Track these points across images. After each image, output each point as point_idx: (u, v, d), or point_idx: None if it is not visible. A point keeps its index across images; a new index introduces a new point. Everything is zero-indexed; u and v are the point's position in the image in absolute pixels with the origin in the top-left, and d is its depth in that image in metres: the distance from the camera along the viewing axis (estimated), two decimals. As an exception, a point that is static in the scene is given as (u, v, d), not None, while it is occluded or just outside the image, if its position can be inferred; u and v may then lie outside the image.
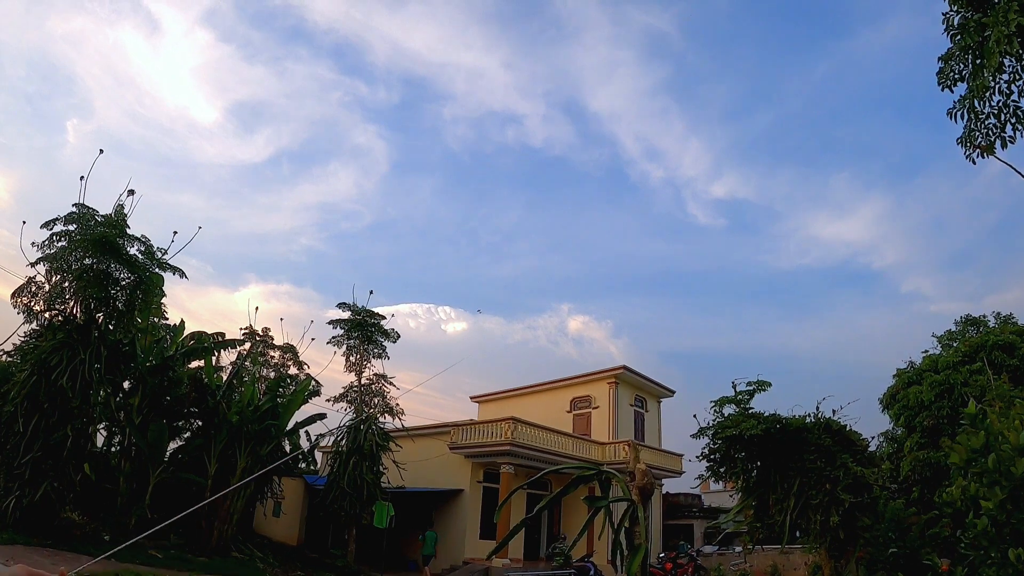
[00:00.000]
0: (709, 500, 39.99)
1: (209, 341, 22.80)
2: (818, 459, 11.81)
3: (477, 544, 26.78)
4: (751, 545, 14.05)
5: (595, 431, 33.28)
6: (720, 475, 14.29)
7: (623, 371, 34.00)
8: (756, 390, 13.60)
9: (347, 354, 26.21)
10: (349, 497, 23.54)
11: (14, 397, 15.35)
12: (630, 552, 6.36)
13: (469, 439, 28.15)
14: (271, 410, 22.77)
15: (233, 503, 21.34)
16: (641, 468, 6.75)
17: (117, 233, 16.62)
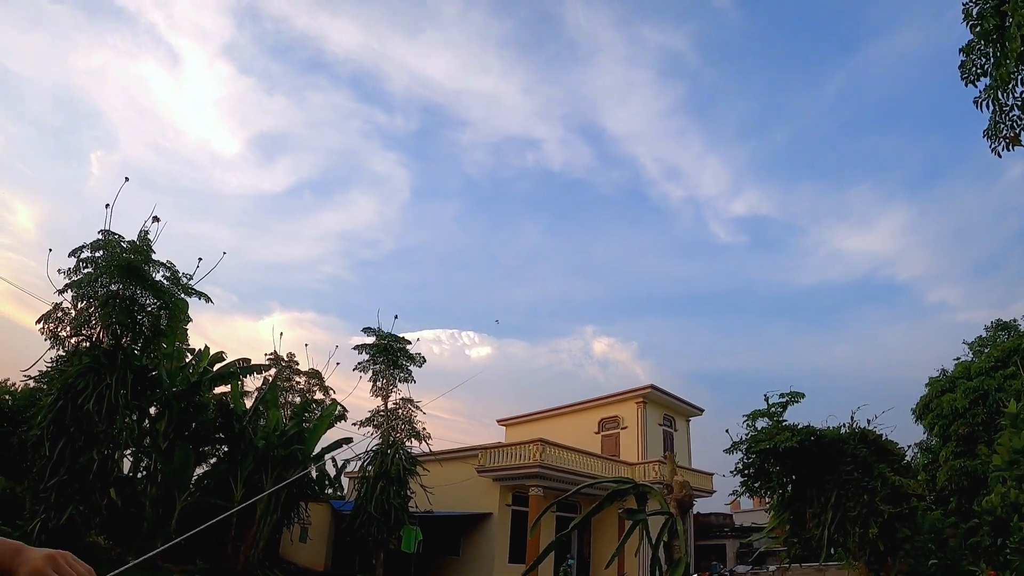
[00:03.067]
0: (740, 519, 39.35)
1: (235, 366, 22.88)
2: (855, 470, 11.51)
3: (506, 568, 26.43)
4: (787, 562, 13.71)
5: (624, 451, 32.83)
6: (755, 490, 13.98)
7: (651, 390, 33.57)
8: (789, 402, 13.31)
9: (373, 379, 26.15)
10: (376, 522, 23.35)
11: (40, 421, 15.45)
12: (670, 567, 6.16)
13: (497, 462, 27.89)
14: (297, 435, 22.76)
15: (259, 528, 21.29)
16: (679, 480, 6.57)
17: (143, 259, 16.76)
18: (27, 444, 15.90)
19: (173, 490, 19.37)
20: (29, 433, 15.82)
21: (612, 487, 6.94)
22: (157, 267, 17.14)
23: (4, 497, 16.46)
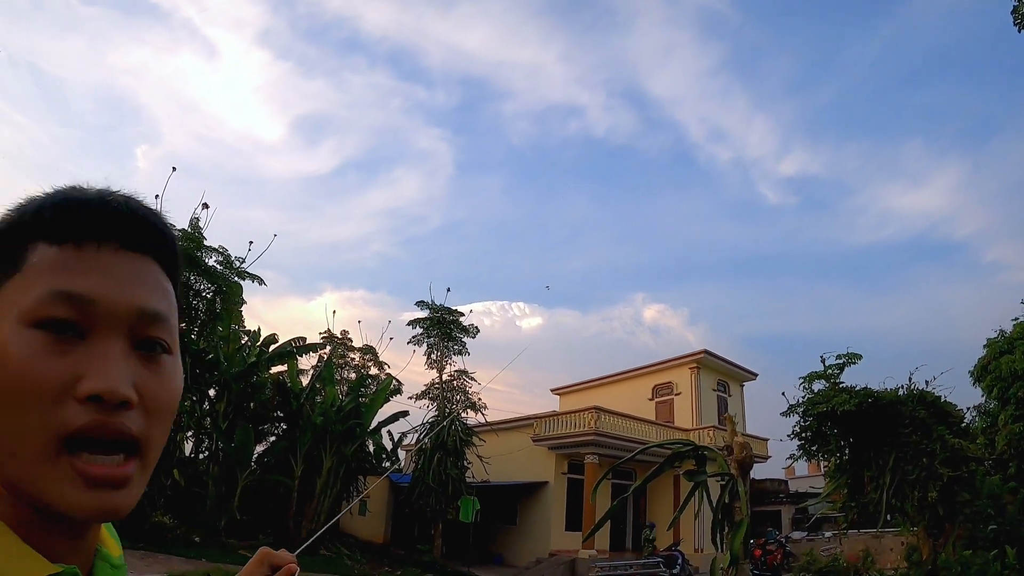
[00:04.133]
0: (796, 485, 38.83)
1: (290, 346, 23.25)
2: (913, 433, 11.27)
3: (563, 536, 26.65)
4: (845, 526, 13.59)
5: (678, 418, 32.66)
6: (812, 454, 13.83)
7: (704, 355, 33.28)
8: (846, 364, 13.06)
9: (428, 352, 26.40)
10: (434, 493, 23.69)
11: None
12: (731, 528, 6.16)
13: (552, 431, 28.04)
14: (354, 410, 23.09)
15: (320, 502, 21.75)
16: (739, 441, 6.56)
17: (195, 246, 17.09)
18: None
19: (235, 469, 19.83)
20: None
21: (672, 450, 6.95)
22: (209, 252, 17.47)
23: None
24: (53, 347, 0.63)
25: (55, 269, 0.66)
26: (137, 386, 0.66)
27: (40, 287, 0.65)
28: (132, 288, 0.69)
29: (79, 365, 0.63)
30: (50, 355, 0.63)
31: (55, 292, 0.65)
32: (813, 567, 14.85)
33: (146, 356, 0.70)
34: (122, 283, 0.68)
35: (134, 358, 0.68)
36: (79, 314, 0.65)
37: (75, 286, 0.65)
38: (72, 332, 0.65)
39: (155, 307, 0.71)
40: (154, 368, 0.70)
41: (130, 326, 0.68)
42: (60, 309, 0.64)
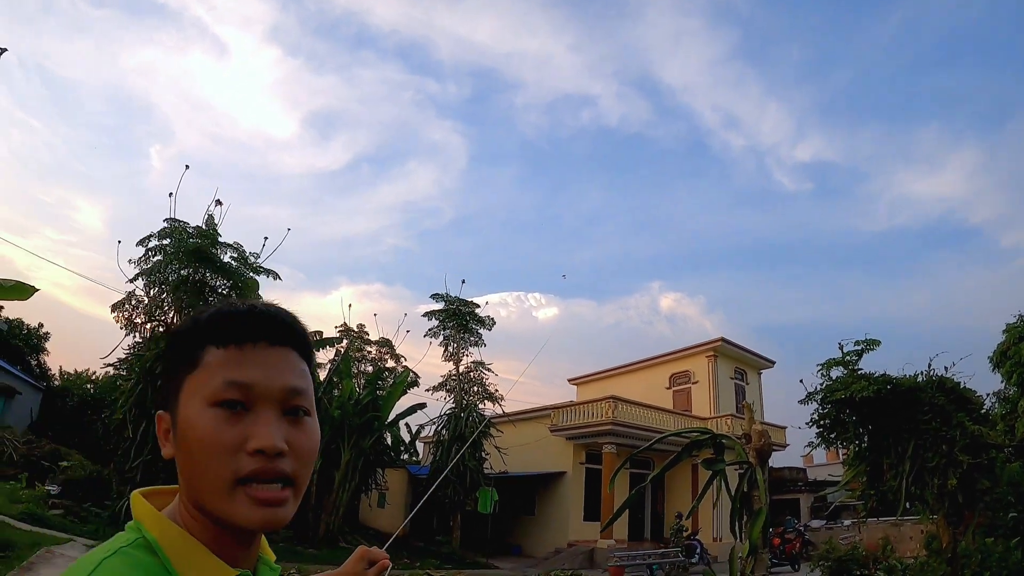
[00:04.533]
0: (814, 473, 38.63)
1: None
2: (933, 419, 11.16)
3: (581, 526, 26.72)
4: (864, 514, 13.52)
5: (696, 406, 32.59)
6: (830, 441, 13.72)
7: (721, 343, 33.14)
8: (864, 350, 12.93)
9: (444, 344, 26.46)
10: (452, 484, 23.81)
11: (122, 405, 16.08)
12: (750, 517, 6.15)
13: (569, 421, 28.08)
14: (371, 403, 23.20)
15: (339, 495, 21.89)
16: (757, 429, 6.53)
17: (210, 243, 17.16)
18: (111, 428, 16.58)
19: (254, 463, 20.03)
20: (112, 417, 16.49)
21: (689, 439, 6.94)
22: (224, 249, 17.53)
23: (91, 480, 17.24)
24: (229, 419, 0.93)
25: (224, 365, 0.96)
26: (287, 441, 0.95)
27: (216, 379, 0.95)
28: (279, 373, 0.98)
29: (247, 429, 0.93)
30: (227, 424, 0.92)
31: (227, 382, 0.94)
32: (832, 556, 14.75)
33: (292, 419, 0.98)
34: (272, 370, 0.98)
35: (284, 421, 0.96)
36: (244, 395, 0.94)
37: (240, 376, 0.95)
38: (241, 407, 0.94)
39: (296, 385, 0.99)
40: (299, 427, 0.98)
41: (280, 400, 0.97)
42: (231, 393, 0.94)
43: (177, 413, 0.97)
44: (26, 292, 9.38)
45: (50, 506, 15.55)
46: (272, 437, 0.92)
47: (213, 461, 0.90)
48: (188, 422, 0.94)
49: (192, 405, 0.94)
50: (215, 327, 0.99)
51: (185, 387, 0.97)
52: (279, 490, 0.93)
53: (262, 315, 1.02)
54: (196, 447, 0.92)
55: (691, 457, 7.12)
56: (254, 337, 0.99)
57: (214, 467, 0.90)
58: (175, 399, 0.98)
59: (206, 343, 0.98)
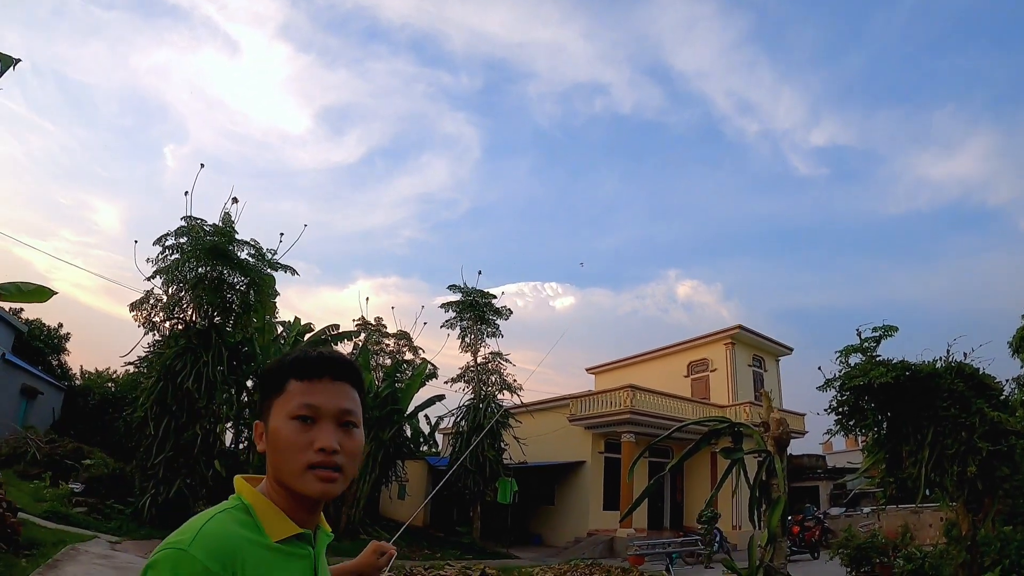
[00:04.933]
0: (833, 460, 38.42)
1: (325, 334, 23.52)
2: (952, 406, 11.09)
3: (601, 515, 26.79)
4: (883, 502, 13.48)
5: (714, 394, 32.48)
6: (849, 428, 13.69)
7: (739, 331, 32.92)
8: (882, 336, 12.86)
9: (461, 335, 26.53)
10: (472, 475, 23.92)
11: (143, 403, 16.31)
12: (769, 506, 6.17)
13: (588, 410, 28.10)
14: (390, 395, 23.33)
15: (359, 488, 22.05)
16: (775, 417, 6.54)
17: (227, 240, 17.28)
18: (132, 426, 16.82)
19: (274, 457, 20.17)
20: (133, 415, 16.71)
21: (708, 428, 6.95)
22: (241, 246, 17.64)
23: (114, 477, 17.45)
24: (303, 428, 1.38)
25: (301, 393, 1.41)
26: (340, 443, 1.40)
27: (295, 401, 1.40)
28: (337, 399, 1.42)
29: (314, 435, 1.38)
30: (302, 431, 1.38)
31: (303, 403, 1.39)
32: (851, 543, 14.75)
33: (345, 429, 1.43)
34: (332, 397, 1.42)
35: (340, 431, 1.42)
36: (313, 413, 1.39)
37: (311, 400, 1.40)
38: (311, 421, 1.39)
39: (348, 407, 1.44)
40: (349, 435, 1.43)
41: (335, 416, 1.41)
42: (305, 411, 1.39)
43: (268, 423, 1.43)
44: (46, 295, 9.53)
45: (74, 504, 15.77)
46: (330, 441, 1.37)
47: (293, 454, 1.37)
48: (276, 429, 1.39)
49: (279, 418, 1.40)
50: (296, 366, 1.45)
51: (274, 406, 1.43)
52: (333, 473, 1.37)
53: (328, 359, 1.48)
54: (283, 445, 1.37)
55: (710, 446, 7.14)
56: (321, 374, 1.44)
57: (294, 458, 1.36)
58: (267, 413, 1.44)
59: (290, 377, 1.44)
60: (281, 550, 1.34)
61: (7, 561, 8.48)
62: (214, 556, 1.19)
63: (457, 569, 15.48)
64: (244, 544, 1.27)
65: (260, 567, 1.27)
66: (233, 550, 1.24)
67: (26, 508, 12.74)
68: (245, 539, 1.29)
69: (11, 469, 18.08)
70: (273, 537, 1.34)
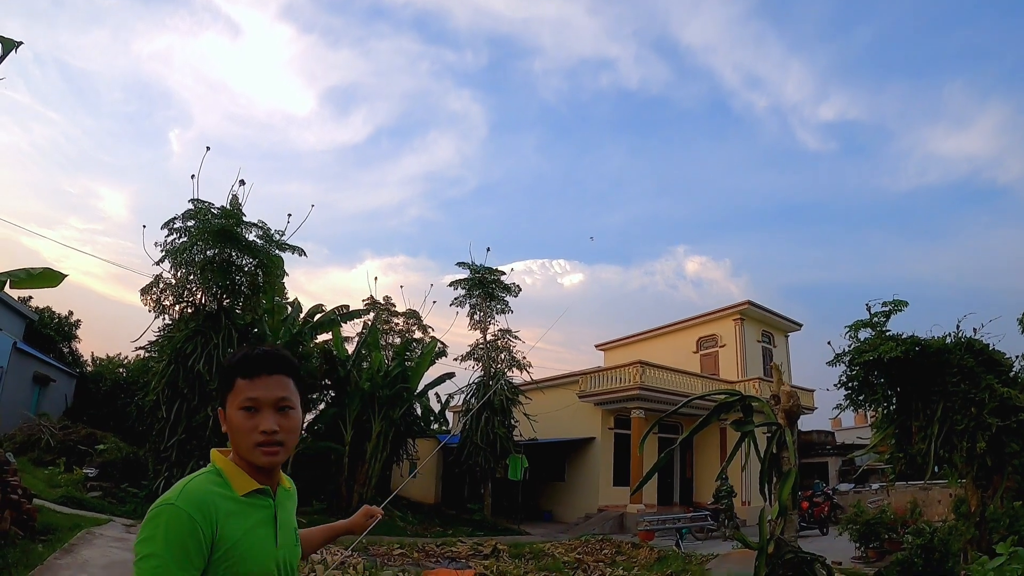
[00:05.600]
0: (842, 437, 38.35)
1: (334, 314, 23.57)
2: (961, 381, 11.06)
3: (611, 491, 26.96)
4: (892, 478, 13.50)
5: (723, 370, 32.50)
6: (859, 404, 13.69)
7: (748, 306, 32.87)
8: (892, 311, 12.82)
9: (470, 313, 26.56)
10: (483, 452, 24.05)
11: (155, 387, 16.41)
12: (779, 479, 6.19)
13: (597, 386, 28.18)
14: (400, 374, 23.42)
15: (371, 466, 22.21)
16: (786, 390, 6.53)
17: (234, 222, 17.25)
18: (144, 410, 16.92)
19: (286, 438, 20.29)
20: (145, 399, 16.82)
21: (718, 401, 6.96)
22: (249, 228, 17.61)
23: (128, 461, 17.61)
24: (248, 416, 1.74)
25: (245, 388, 1.76)
26: (279, 424, 1.76)
27: (241, 396, 1.75)
28: (273, 390, 1.77)
29: (257, 420, 1.74)
30: (248, 419, 1.74)
31: (247, 398, 1.75)
32: (860, 519, 14.80)
33: (282, 413, 1.79)
34: (269, 389, 1.77)
35: (278, 415, 1.77)
36: (255, 404, 1.74)
37: (253, 394, 1.75)
38: (254, 410, 1.75)
39: (283, 395, 1.79)
40: (286, 416, 1.79)
41: (273, 404, 1.76)
42: (248, 403, 1.74)
43: (226, 411, 1.79)
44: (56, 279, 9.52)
45: (88, 489, 15.94)
46: (270, 424, 1.74)
47: (244, 436, 1.74)
48: (231, 417, 1.77)
49: (232, 409, 1.77)
50: (239, 366, 1.79)
51: (228, 399, 1.78)
52: (275, 448, 1.75)
53: (262, 358, 1.81)
54: (236, 429, 1.75)
55: (720, 420, 7.15)
56: (259, 371, 1.78)
57: (245, 438, 1.74)
58: (224, 403, 1.80)
59: (236, 376, 1.79)
60: (246, 502, 1.74)
61: (24, 547, 8.59)
62: (196, 507, 1.58)
63: (469, 545, 15.63)
64: (217, 498, 1.66)
65: (231, 515, 1.66)
66: (209, 503, 1.62)
67: (41, 494, 12.88)
68: (218, 494, 1.67)
69: (26, 456, 18.19)
70: (239, 492, 1.73)
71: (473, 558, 13.98)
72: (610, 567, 13.31)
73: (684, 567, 13.30)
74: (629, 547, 16.96)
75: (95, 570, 8.62)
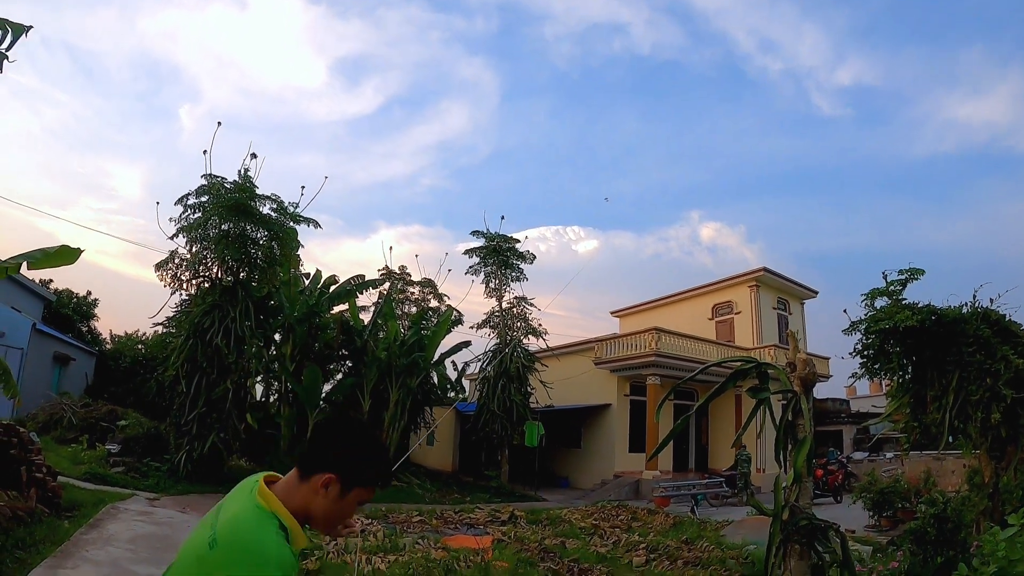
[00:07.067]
0: (857, 405, 38.26)
1: (350, 284, 23.71)
2: (977, 352, 11.03)
3: (627, 457, 27.13)
4: (907, 447, 13.52)
5: (738, 337, 32.33)
6: (874, 372, 13.68)
7: (763, 273, 32.71)
8: (908, 279, 12.76)
9: (485, 281, 26.62)
10: (500, 420, 24.24)
11: (174, 361, 16.59)
12: (795, 446, 6.25)
13: (613, 353, 28.29)
14: (417, 343, 23.60)
15: (389, 435, 22.47)
16: (802, 358, 6.54)
17: (248, 196, 17.27)
18: (164, 385, 17.16)
19: (305, 408, 20.61)
20: (165, 374, 17.03)
21: (735, 367, 6.99)
22: (263, 201, 17.62)
23: (149, 436, 17.84)
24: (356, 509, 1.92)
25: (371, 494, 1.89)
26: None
27: (367, 497, 1.88)
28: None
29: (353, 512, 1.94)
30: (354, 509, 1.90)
31: (368, 500, 1.90)
32: (874, 488, 14.87)
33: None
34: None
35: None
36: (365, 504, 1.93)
37: (371, 498, 1.90)
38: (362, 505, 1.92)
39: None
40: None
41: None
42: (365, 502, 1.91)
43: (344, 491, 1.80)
44: (72, 256, 9.65)
45: (111, 464, 16.22)
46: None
47: (340, 518, 1.89)
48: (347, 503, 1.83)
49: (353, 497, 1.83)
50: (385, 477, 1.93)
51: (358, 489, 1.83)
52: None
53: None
54: (339, 512, 1.84)
55: (735, 387, 7.17)
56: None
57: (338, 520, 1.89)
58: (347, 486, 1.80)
59: (376, 483, 1.88)
60: (296, 555, 1.75)
61: (50, 524, 8.81)
62: (290, 569, 1.65)
63: (487, 512, 15.80)
64: (293, 560, 1.69)
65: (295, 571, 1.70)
66: (294, 565, 1.68)
67: (65, 471, 13.13)
68: (291, 554, 1.69)
69: (49, 435, 18.53)
70: (296, 548, 1.74)
71: (491, 524, 14.16)
72: (626, 533, 13.44)
73: (699, 533, 13.42)
74: (645, 513, 17.11)
75: (120, 544, 8.83)
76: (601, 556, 10.72)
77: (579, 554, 10.61)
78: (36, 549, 7.66)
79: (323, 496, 1.77)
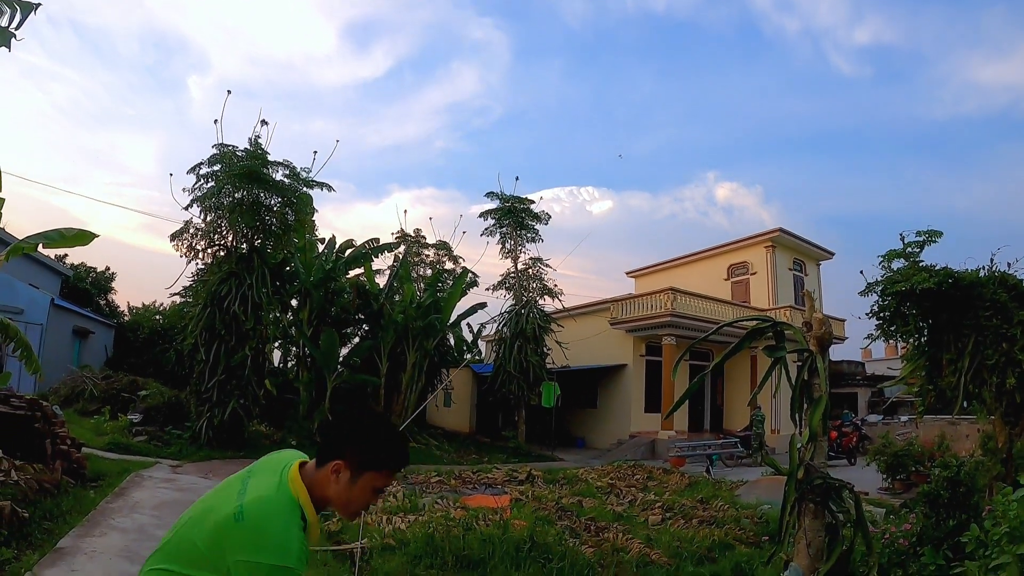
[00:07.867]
0: (872, 368, 38.12)
1: (365, 248, 23.81)
2: (994, 316, 11.03)
3: (643, 417, 27.33)
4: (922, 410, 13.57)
5: (754, 298, 32.20)
6: (890, 334, 13.68)
7: (779, 234, 32.42)
8: (926, 242, 12.68)
9: (501, 242, 26.70)
10: (516, 380, 24.45)
11: (193, 330, 16.83)
12: (810, 405, 6.31)
13: (629, 313, 28.32)
14: (432, 305, 23.71)
15: (407, 397, 22.71)
16: (818, 317, 6.56)
17: (260, 163, 17.29)
18: (183, 354, 17.45)
19: (323, 373, 20.81)
20: (184, 343, 17.29)
21: (751, 326, 7.02)
22: (275, 167, 17.62)
23: (170, 405, 18.05)
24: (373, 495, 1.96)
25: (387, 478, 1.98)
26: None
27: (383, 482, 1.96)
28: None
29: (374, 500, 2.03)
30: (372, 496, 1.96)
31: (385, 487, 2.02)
32: (888, 451, 14.93)
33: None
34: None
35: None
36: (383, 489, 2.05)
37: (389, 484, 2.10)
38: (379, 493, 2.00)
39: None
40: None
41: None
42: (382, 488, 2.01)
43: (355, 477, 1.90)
44: (87, 238, 9.81)
45: (134, 434, 16.47)
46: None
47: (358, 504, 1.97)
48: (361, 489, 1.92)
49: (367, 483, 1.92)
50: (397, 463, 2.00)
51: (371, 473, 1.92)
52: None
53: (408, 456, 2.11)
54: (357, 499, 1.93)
55: (750, 347, 7.21)
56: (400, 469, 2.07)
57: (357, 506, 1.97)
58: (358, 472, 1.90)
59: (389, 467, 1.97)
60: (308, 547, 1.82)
61: (76, 494, 9.01)
62: (305, 563, 1.73)
63: (504, 472, 16.01)
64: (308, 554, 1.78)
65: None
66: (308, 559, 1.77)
67: (89, 443, 13.35)
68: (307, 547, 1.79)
69: (72, 408, 18.81)
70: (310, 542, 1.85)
71: (509, 484, 14.33)
72: (642, 492, 13.61)
73: (714, 492, 13.57)
74: (660, 473, 17.27)
75: (146, 510, 9.07)
76: (617, 515, 10.87)
77: (596, 513, 10.77)
78: (64, 519, 7.83)
79: (335, 482, 1.88)
